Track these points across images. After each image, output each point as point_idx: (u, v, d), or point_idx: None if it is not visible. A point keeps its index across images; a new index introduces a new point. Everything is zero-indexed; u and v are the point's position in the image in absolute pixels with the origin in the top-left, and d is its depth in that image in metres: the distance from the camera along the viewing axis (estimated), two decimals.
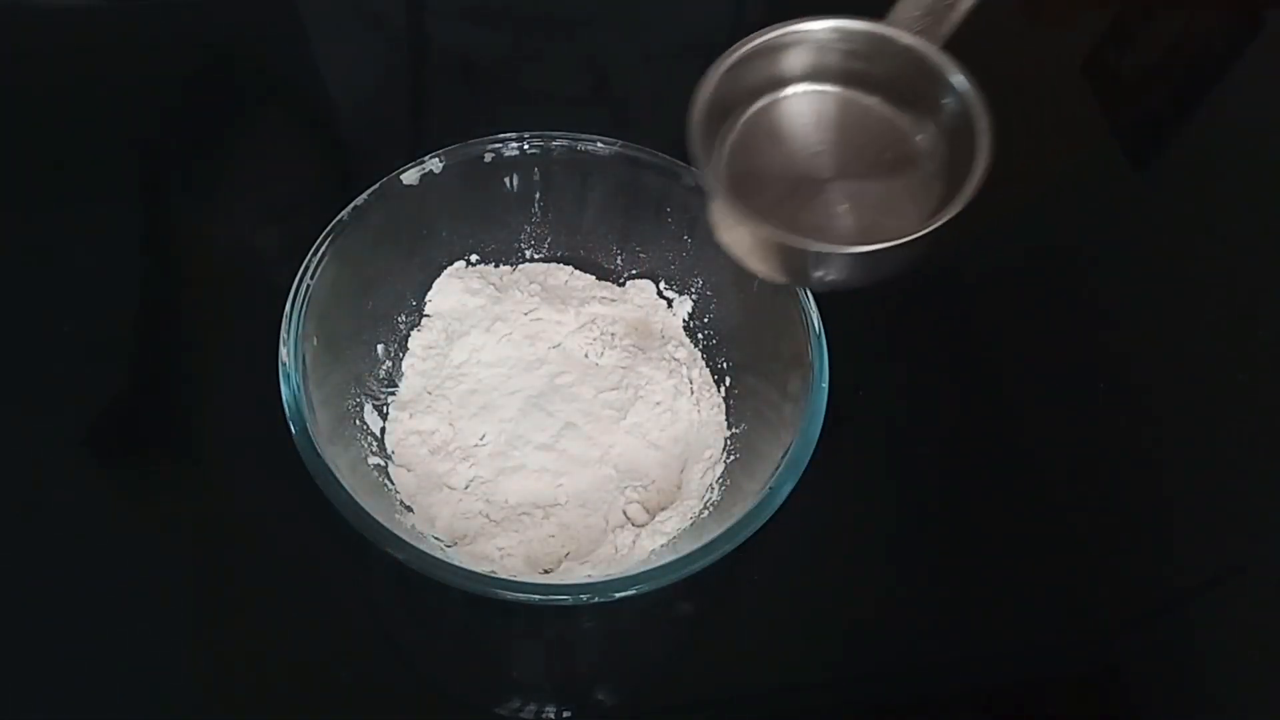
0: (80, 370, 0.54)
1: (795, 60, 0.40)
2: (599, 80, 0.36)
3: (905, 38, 0.39)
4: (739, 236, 0.40)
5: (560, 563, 0.47)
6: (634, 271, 0.55)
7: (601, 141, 0.51)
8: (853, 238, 0.38)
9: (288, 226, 0.60)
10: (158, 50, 0.65)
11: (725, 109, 0.40)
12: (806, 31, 0.39)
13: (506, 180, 0.52)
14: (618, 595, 0.40)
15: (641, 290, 0.55)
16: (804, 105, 0.41)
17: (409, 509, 0.48)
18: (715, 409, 0.52)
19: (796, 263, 0.40)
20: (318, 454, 0.42)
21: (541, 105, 0.63)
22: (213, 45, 0.67)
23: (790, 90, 0.41)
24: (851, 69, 0.40)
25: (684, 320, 0.55)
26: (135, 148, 0.63)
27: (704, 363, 0.53)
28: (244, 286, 0.56)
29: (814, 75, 0.41)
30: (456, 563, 0.41)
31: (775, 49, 0.40)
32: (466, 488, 0.49)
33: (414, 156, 0.49)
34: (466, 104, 0.65)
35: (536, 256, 0.55)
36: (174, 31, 0.66)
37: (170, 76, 0.65)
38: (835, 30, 0.39)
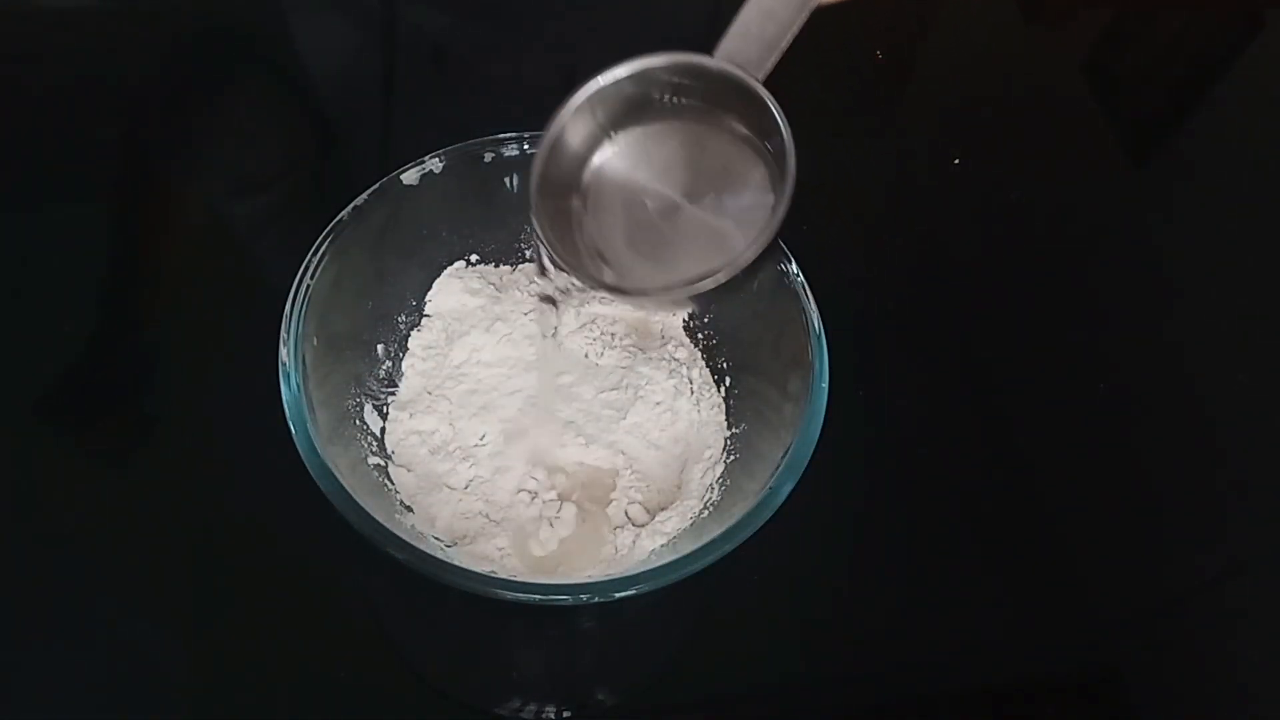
0: (80, 371, 0.54)
1: (624, 104, 0.40)
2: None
3: (728, 68, 0.38)
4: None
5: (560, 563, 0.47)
6: None
7: None
8: (693, 267, 0.39)
9: (277, 213, 0.60)
10: (141, 43, 0.66)
11: (572, 175, 0.40)
12: (628, 73, 0.39)
13: (506, 180, 0.52)
14: (618, 595, 0.40)
15: None
16: (644, 140, 0.41)
17: (409, 509, 0.48)
18: (715, 409, 0.52)
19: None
20: (318, 454, 0.41)
21: (510, 95, 0.63)
22: (194, 29, 0.67)
23: (628, 130, 0.41)
24: (685, 99, 0.40)
25: (684, 320, 0.55)
26: (131, 141, 0.63)
27: (704, 363, 0.53)
28: (243, 286, 0.56)
29: (649, 111, 0.40)
30: (456, 563, 0.41)
31: (598, 101, 0.39)
32: (466, 488, 0.49)
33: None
34: (436, 90, 0.65)
35: None
36: (159, 21, 0.67)
37: (154, 64, 0.65)
38: (656, 66, 0.39)
